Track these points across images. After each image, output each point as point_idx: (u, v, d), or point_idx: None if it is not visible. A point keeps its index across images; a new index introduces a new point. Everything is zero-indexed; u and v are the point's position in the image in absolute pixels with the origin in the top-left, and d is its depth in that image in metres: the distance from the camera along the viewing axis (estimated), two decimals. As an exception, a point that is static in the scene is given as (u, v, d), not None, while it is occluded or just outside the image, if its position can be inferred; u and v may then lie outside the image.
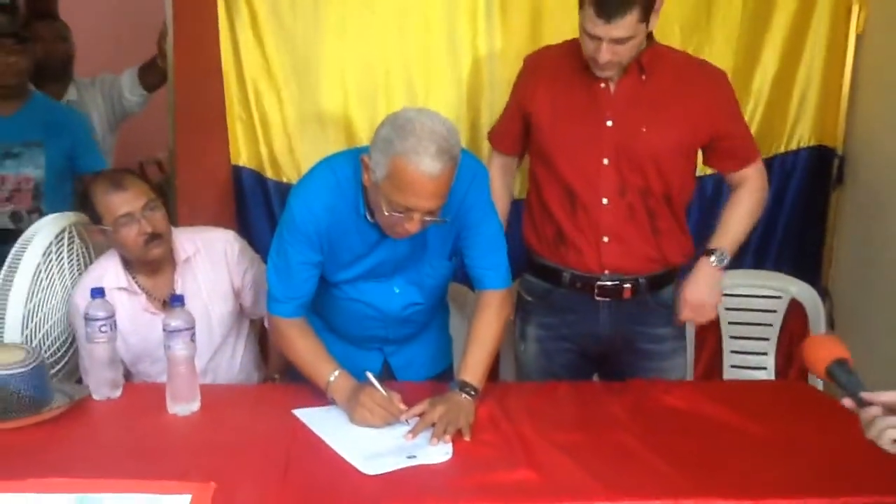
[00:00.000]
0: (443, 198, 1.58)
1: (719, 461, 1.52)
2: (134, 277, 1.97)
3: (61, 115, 2.73)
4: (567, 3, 2.41)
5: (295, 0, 2.47)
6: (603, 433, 1.63)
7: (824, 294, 2.61)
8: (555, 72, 1.94)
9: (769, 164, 2.58)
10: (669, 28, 2.50)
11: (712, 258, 1.93)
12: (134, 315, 1.94)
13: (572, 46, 1.90)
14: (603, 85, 1.88)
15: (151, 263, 1.95)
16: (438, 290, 1.90)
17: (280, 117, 2.54)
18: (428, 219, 1.59)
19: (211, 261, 2.02)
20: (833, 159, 2.63)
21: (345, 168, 1.70)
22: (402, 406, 1.66)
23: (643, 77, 1.86)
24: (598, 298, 1.95)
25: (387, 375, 1.91)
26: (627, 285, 1.94)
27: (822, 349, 1.34)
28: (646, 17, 1.74)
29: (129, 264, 1.97)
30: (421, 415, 1.64)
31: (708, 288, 1.94)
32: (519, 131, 2.04)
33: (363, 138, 2.53)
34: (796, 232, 2.65)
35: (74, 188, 2.63)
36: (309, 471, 1.47)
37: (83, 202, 1.95)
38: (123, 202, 1.87)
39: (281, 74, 2.51)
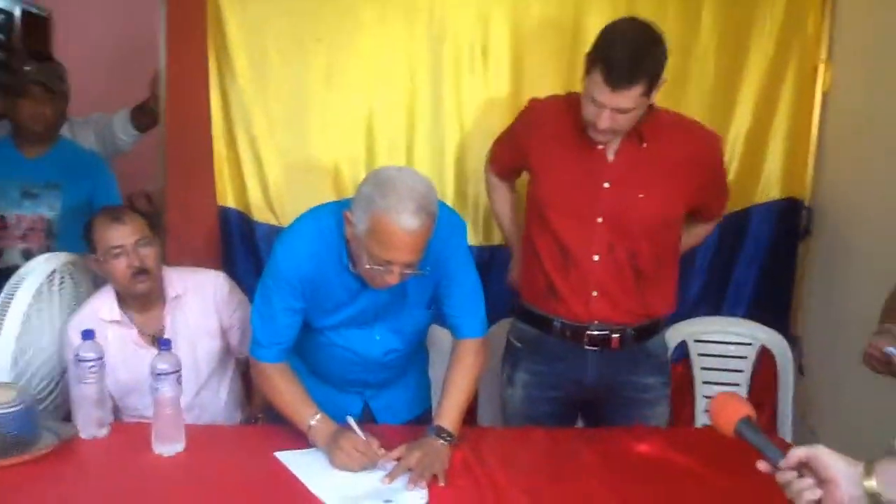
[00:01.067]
0: (421, 252, 1.64)
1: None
2: (126, 312, 2.03)
3: (84, 161, 2.79)
4: (545, 52, 2.58)
5: (283, 49, 2.55)
6: (573, 481, 1.68)
7: (793, 341, 2.68)
8: (557, 125, 1.99)
9: (745, 215, 2.71)
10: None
11: None
12: (125, 349, 2.00)
13: (576, 101, 1.92)
14: (601, 147, 1.93)
15: (139, 298, 2.01)
16: (417, 336, 1.96)
17: (266, 162, 2.61)
18: (407, 271, 1.65)
19: (200, 300, 2.08)
20: (801, 211, 2.72)
21: (329, 220, 1.76)
22: (381, 451, 1.70)
23: (643, 145, 1.92)
24: (587, 347, 2.00)
25: (367, 418, 1.96)
26: (616, 335, 1.99)
27: (728, 408, 1.33)
28: (650, 90, 1.79)
29: (122, 299, 2.03)
30: (398, 459, 1.69)
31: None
32: (514, 165, 2.16)
33: (347, 183, 2.60)
34: (767, 281, 2.72)
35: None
36: (289, 512, 1.52)
37: (85, 233, 2.03)
38: (118, 235, 1.97)
39: (267, 120, 2.59)
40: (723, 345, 2.61)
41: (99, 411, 1.79)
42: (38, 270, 2.04)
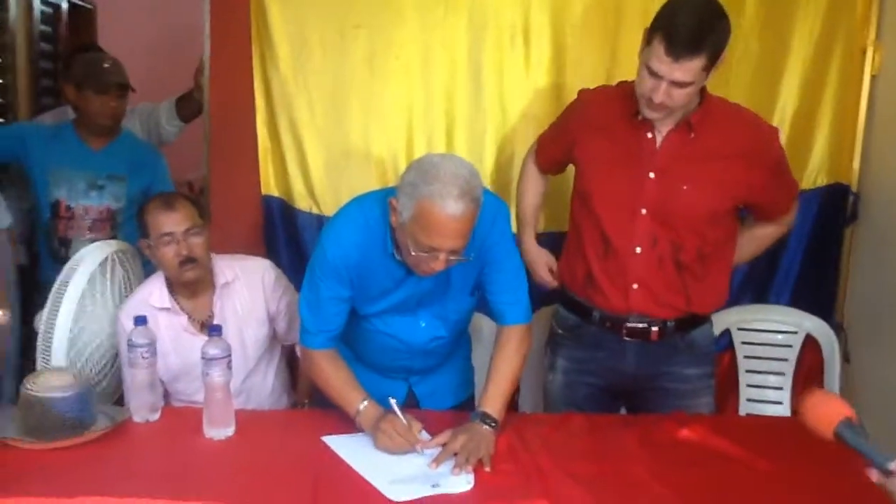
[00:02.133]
0: (466, 237, 1.65)
1: (725, 495, 1.59)
2: (176, 299, 2.07)
3: (144, 153, 2.86)
4: (587, 37, 2.56)
5: (324, 37, 2.56)
6: (616, 465, 1.69)
7: (839, 329, 2.65)
8: (606, 115, 1.97)
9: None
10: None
11: None
12: (175, 335, 2.05)
13: (626, 90, 1.91)
14: (650, 135, 1.90)
15: (187, 285, 2.05)
16: (461, 324, 1.98)
17: (308, 150, 2.63)
18: (452, 258, 1.66)
19: (248, 287, 2.12)
20: (848, 196, 2.67)
21: (374, 209, 1.78)
22: (424, 435, 1.73)
23: (691, 135, 1.88)
24: (625, 338, 1.99)
25: (411, 404, 1.98)
26: (655, 328, 1.97)
27: (825, 407, 1.27)
28: (711, 65, 1.74)
29: (171, 286, 2.07)
30: (444, 445, 1.71)
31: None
32: (561, 158, 2.12)
33: (388, 171, 2.62)
34: (812, 268, 2.69)
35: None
36: (337, 495, 1.55)
37: (138, 217, 2.08)
38: (169, 222, 2.00)
39: (308, 108, 2.60)
40: (767, 333, 2.59)
41: (151, 396, 1.83)
42: (91, 257, 2.09)
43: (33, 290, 2.62)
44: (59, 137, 2.77)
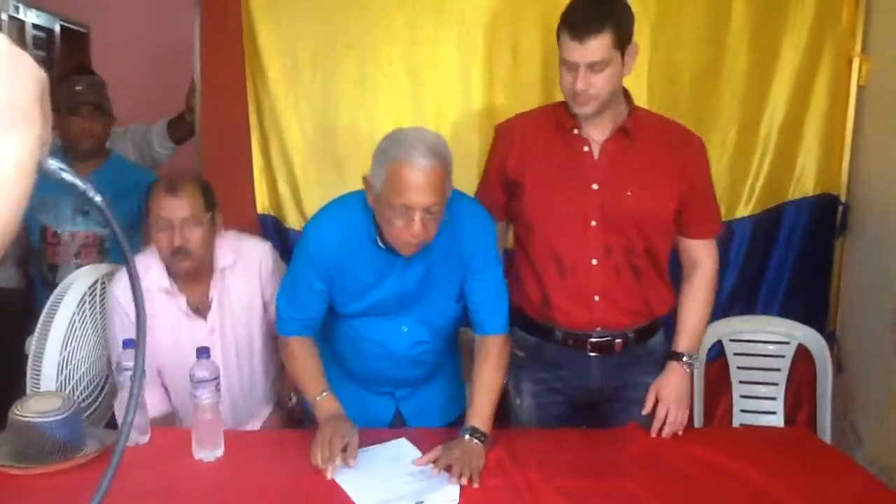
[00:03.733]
0: (438, 194, 1.68)
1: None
2: (174, 281, 2.06)
3: (135, 176, 2.81)
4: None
5: (315, 56, 2.58)
6: (607, 479, 1.69)
7: (831, 339, 2.65)
8: (532, 138, 1.97)
9: (777, 212, 2.69)
10: (679, 77, 2.60)
11: (683, 361, 1.98)
12: (171, 317, 2.05)
13: (547, 110, 1.96)
14: (586, 148, 1.91)
15: (180, 273, 2.04)
16: (446, 331, 1.97)
17: (298, 168, 2.65)
18: (428, 216, 1.68)
19: (246, 272, 2.12)
20: (837, 207, 2.68)
21: (355, 202, 1.84)
22: (352, 462, 1.70)
23: (627, 141, 1.90)
24: (590, 354, 1.99)
25: (399, 423, 1.99)
26: (618, 340, 1.97)
27: None
28: (619, 44, 1.78)
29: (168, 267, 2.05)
30: (434, 461, 1.71)
31: (682, 388, 1.98)
32: (503, 199, 2.03)
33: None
34: (803, 278, 2.70)
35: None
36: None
37: (146, 195, 2.05)
38: (168, 208, 1.97)
39: (300, 128, 2.62)
40: (760, 343, 2.59)
41: (140, 418, 1.84)
42: (80, 281, 2.11)
43: (30, 314, 2.63)
44: None
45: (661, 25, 2.57)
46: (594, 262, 1.93)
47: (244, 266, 2.12)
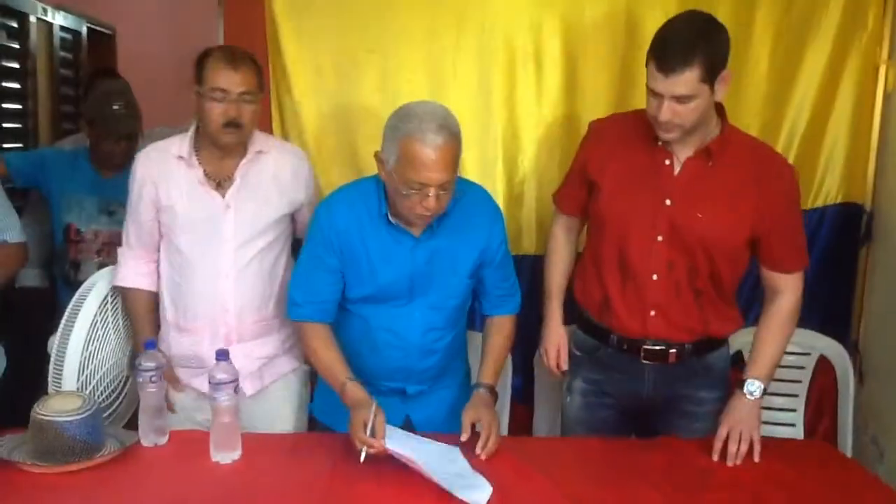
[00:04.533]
0: (451, 170, 1.73)
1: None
2: (198, 153, 2.04)
3: None
4: (598, 59, 2.56)
5: (337, 63, 2.60)
6: (630, 490, 1.69)
7: (854, 350, 2.62)
8: (620, 141, 1.96)
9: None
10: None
11: (747, 392, 1.91)
12: (189, 185, 2.03)
13: (639, 116, 1.90)
14: (668, 162, 1.88)
15: (221, 147, 2.01)
16: (457, 313, 1.99)
17: (322, 173, 2.64)
18: (442, 192, 1.73)
19: (279, 165, 2.09)
20: (861, 216, 2.65)
21: (366, 182, 1.92)
22: (381, 443, 1.71)
23: (710, 163, 1.86)
24: (643, 361, 1.98)
25: (408, 429, 1.97)
26: (673, 350, 1.96)
27: None
28: (708, 77, 1.72)
29: (199, 138, 2.04)
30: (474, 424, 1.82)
31: (746, 414, 1.90)
32: (584, 196, 2.06)
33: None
34: (824, 288, 2.66)
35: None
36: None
37: (197, 62, 1.99)
38: (227, 79, 1.94)
39: (321, 132, 2.63)
40: (780, 354, 2.56)
41: (159, 420, 1.85)
42: (103, 282, 2.13)
43: (52, 314, 2.66)
44: (74, 163, 2.82)
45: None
46: (655, 276, 1.92)
47: (279, 158, 2.09)
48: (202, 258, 2.03)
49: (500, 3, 2.57)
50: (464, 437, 1.80)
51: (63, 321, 2.05)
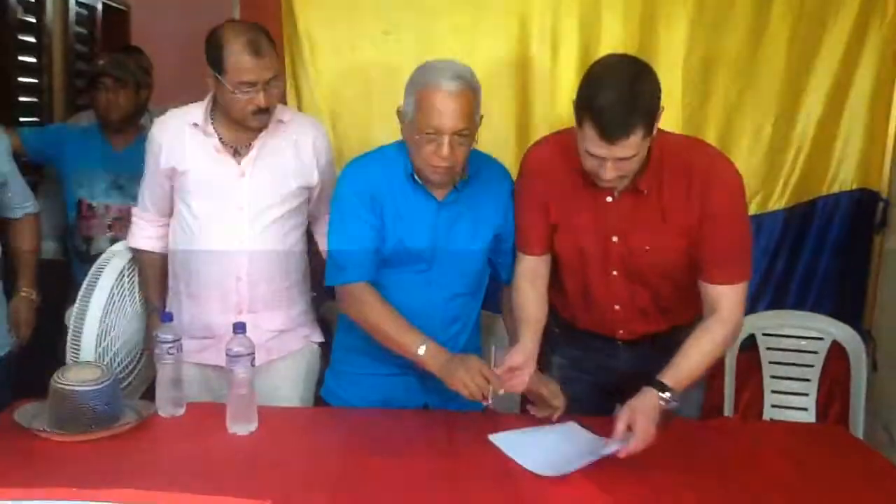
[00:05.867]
0: (466, 120, 1.76)
1: (749, 501, 1.58)
2: (214, 123, 2.02)
3: None
4: (615, 38, 2.56)
5: (354, 43, 2.60)
6: (639, 471, 1.67)
7: (867, 336, 2.62)
8: (557, 176, 1.85)
9: (811, 206, 2.66)
10: (713, 72, 2.58)
11: (665, 395, 1.70)
12: (204, 151, 2.02)
13: (570, 147, 1.75)
14: (609, 199, 1.81)
15: (249, 128, 2.00)
16: (477, 280, 2.01)
17: (338, 156, 2.65)
18: (457, 140, 1.75)
19: (299, 135, 2.08)
20: (877, 203, 2.65)
21: (389, 147, 1.95)
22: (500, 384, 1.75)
23: (644, 192, 1.77)
24: (618, 342, 2.01)
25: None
26: (647, 338, 1.99)
27: None
28: (650, 130, 1.63)
29: (217, 108, 2.02)
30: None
31: (654, 420, 1.68)
32: (546, 227, 1.91)
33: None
34: (838, 274, 2.67)
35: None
36: (357, 492, 1.56)
37: (210, 46, 1.94)
38: (253, 70, 1.89)
39: (339, 114, 2.64)
40: (793, 339, 2.57)
41: (176, 391, 1.87)
42: (120, 255, 2.14)
43: (67, 287, 2.68)
44: (86, 138, 2.84)
45: (700, 18, 2.55)
46: (617, 307, 1.93)
47: (299, 129, 2.08)
48: (216, 224, 2.03)
49: (516, -18, 2.55)
50: (534, 412, 1.84)
51: (80, 293, 2.07)
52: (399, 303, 1.90)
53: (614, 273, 1.89)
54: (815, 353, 2.55)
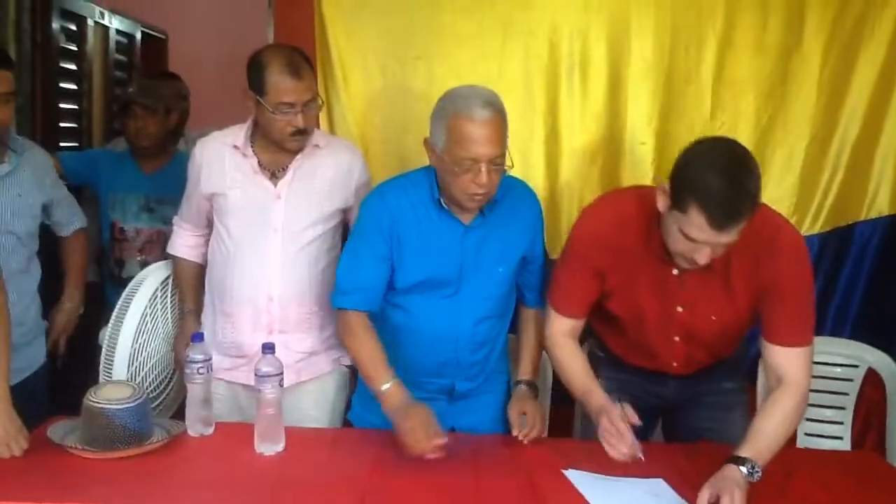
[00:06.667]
0: (500, 146, 1.75)
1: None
2: (253, 145, 2.07)
3: None
4: (645, 65, 2.56)
5: (385, 68, 2.63)
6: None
7: (904, 363, 2.56)
8: (618, 249, 1.81)
9: (848, 231, 2.63)
10: (743, 96, 2.56)
11: (744, 469, 1.63)
12: (242, 174, 2.06)
13: (629, 217, 1.78)
14: (675, 272, 1.78)
15: (287, 150, 2.04)
16: (504, 303, 2.01)
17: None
18: (493, 168, 1.75)
19: (335, 160, 2.11)
20: (916, 228, 2.60)
21: (415, 172, 1.95)
22: (441, 440, 1.73)
23: (712, 267, 1.72)
24: (670, 375, 2.02)
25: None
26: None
27: None
28: (754, 214, 1.59)
29: (256, 130, 2.07)
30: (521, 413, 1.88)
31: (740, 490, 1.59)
32: (595, 293, 1.88)
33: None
34: (875, 300, 2.63)
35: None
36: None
37: (252, 68, 1.98)
38: (293, 91, 1.94)
39: (370, 138, 2.66)
40: (827, 366, 2.51)
41: (205, 411, 1.88)
42: (152, 277, 2.19)
43: (103, 307, 2.73)
44: (119, 162, 2.92)
45: (728, 36, 2.55)
46: (675, 364, 1.97)
47: (334, 155, 2.11)
48: (250, 245, 2.06)
49: (546, 8, 2.58)
50: (515, 432, 1.84)
51: (114, 314, 2.11)
52: (426, 328, 1.92)
53: (676, 338, 1.90)
54: (851, 380, 2.50)
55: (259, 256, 2.06)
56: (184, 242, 2.22)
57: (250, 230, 2.06)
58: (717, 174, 1.54)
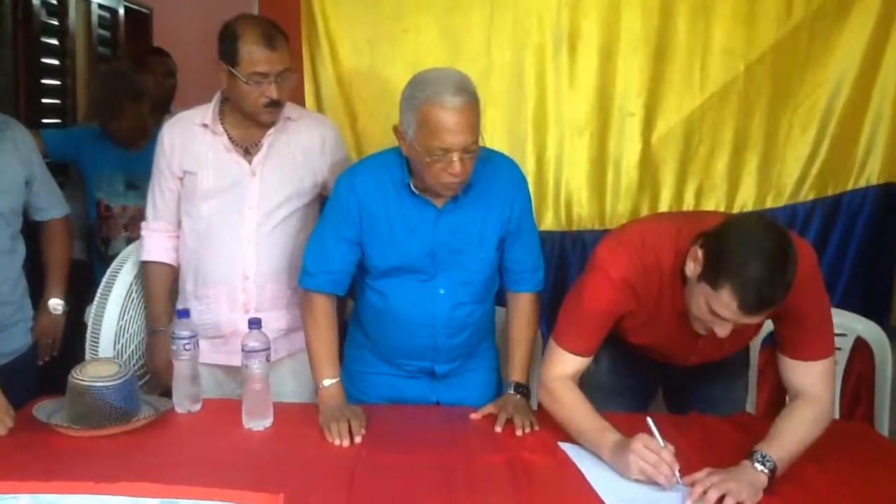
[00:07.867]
0: (472, 132, 1.69)
1: (771, 499, 1.55)
2: (223, 122, 2.03)
3: None
4: (634, 38, 2.53)
5: (373, 41, 2.58)
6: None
7: (893, 333, 2.57)
8: (641, 297, 1.75)
9: (837, 200, 2.61)
10: (734, 63, 2.53)
11: (756, 464, 1.57)
12: (214, 152, 2.02)
13: (653, 269, 1.71)
14: (702, 331, 1.70)
15: (260, 124, 2.00)
16: (485, 288, 1.95)
17: (356, 154, 2.65)
18: (466, 156, 1.69)
19: (306, 133, 2.07)
20: (903, 197, 2.59)
21: (388, 153, 1.87)
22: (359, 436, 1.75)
23: None
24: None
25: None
26: None
27: None
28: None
29: (225, 106, 2.03)
30: (491, 413, 1.85)
31: (752, 488, 1.53)
32: (609, 330, 1.81)
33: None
34: (864, 270, 2.62)
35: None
36: (371, 488, 1.56)
37: (224, 38, 1.95)
38: (266, 61, 1.90)
39: (358, 112, 2.62)
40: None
41: (193, 388, 1.88)
42: (136, 254, 2.16)
43: (90, 285, 2.71)
44: (103, 140, 2.88)
45: (717, 7, 2.51)
46: (687, 363, 1.96)
47: (307, 126, 2.07)
48: (224, 224, 2.02)
49: (533, -20, 2.54)
50: (498, 429, 1.80)
51: (99, 292, 2.10)
52: (403, 313, 1.90)
53: (693, 358, 1.91)
54: (839, 349, 2.49)
55: (234, 235, 2.02)
56: (161, 245, 2.12)
57: (225, 209, 2.02)
58: (759, 262, 1.47)
